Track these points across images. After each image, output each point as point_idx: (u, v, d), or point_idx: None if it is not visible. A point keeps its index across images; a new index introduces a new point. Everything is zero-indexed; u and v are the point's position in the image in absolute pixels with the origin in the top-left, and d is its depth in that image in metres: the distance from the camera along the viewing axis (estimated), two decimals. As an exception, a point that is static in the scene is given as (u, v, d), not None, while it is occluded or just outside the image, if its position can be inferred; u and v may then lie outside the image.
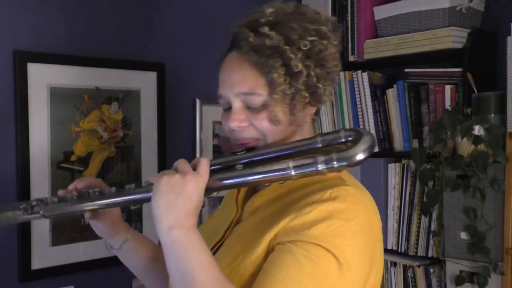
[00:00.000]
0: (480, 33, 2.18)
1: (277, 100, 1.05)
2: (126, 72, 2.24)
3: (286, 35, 1.05)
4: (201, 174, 1.00)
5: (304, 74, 1.05)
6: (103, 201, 1.12)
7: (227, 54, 1.13)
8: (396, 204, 2.28)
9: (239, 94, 1.07)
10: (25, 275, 1.99)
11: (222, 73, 1.12)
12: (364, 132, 0.99)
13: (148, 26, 2.31)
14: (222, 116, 1.14)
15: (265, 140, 1.08)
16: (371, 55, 2.36)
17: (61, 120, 2.07)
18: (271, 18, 1.08)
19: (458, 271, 2.02)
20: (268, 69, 1.05)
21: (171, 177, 0.97)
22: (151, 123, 2.31)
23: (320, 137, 1.03)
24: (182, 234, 0.96)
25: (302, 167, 0.99)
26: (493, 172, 1.94)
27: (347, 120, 2.44)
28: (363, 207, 1.03)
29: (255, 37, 1.06)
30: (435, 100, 2.20)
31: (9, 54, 1.96)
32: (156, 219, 0.97)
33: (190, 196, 0.97)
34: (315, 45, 1.06)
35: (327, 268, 0.95)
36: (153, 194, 0.97)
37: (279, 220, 1.01)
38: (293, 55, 1.04)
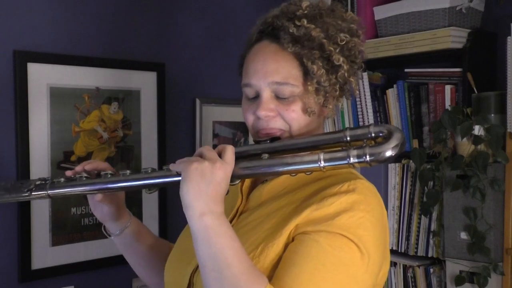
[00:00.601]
0: (480, 33, 2.18)
1: (311, 91, 1.07)
2: (126, 72, 2.24)
3: (325, 29, 1.08)
4: (228, 162, 1.00)
5: (343, 68, 1.08)
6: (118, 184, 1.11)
7: (255, 43, 1.13)
8: (396, 204, 2.28)
9: (272, 83, 1.08)
10: (25, 275, 1.99)
11: (254, 61, 1.10)
12: (394, 129, 1.00)
13: (148, 26, 2.31)
14: (246, 105, 1.13)
15: (290, 131, 1.10)
16: (371, 55, 2.36)
17: (61, 120, 2.07)
18: (306, 11, 1.09)
19: (458, 271, 2.02)
20: (307, 61, 1.06)
21: (201, 163, 0.97)
22: (151, 123, 2.31)
23: (349, 131, 1.03)
24: (215, 220, 0.95)
25: (334, 160, 0.99)
26: (493, 172, 1.94)
27: (347, 120, 2.44)
28: (377, 199, 1.06)
29: (295, 28, 1.07)
30: (435, 100, 2.20)
31: (9, 54, 1.96)
32: (187, 205, 0.96)
33: (219, 183, 0.97)
34: (347, 41, 1.09)
35: (351, 258, 0.97)
36: (183, 180, 0.97)
37: (299, 211, 1.02)
38: (333, 49, 1.07)
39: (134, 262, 1.34)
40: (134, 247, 1.31)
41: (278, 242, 1.00)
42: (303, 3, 1.11)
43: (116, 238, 1.29)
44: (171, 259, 1.21)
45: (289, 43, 1.07)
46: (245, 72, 1.12)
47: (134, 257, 1.34)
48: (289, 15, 1.10)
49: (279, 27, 1.09)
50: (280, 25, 1.09)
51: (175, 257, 1.20)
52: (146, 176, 1.09)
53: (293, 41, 1.07)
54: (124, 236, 1.28)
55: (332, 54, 1.07)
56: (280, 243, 1.00)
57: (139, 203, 2.27)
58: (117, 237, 1.28)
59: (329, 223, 0.98)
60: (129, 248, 1.32)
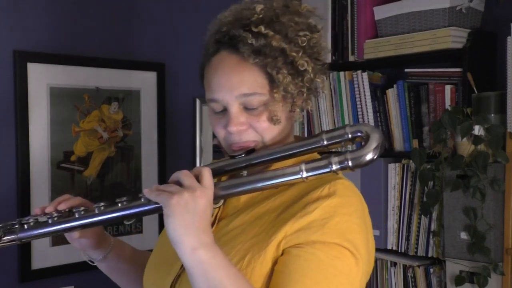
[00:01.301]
0: (480, 33, 2.18)
1: (278, 99, 1.04)
2: (126, 72, 2.24)
3: (283, 33, 1.03)
4: (208, 187, 0.97)
5: (308, 72, 1.04)
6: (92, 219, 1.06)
7: (214, 54, 1.08)
8: (396, 204, 2.28)
9: (239, 96, 1.03)
10: (25, 275, 1.99)
11: (216, 75, 1.05)
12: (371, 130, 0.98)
13: (148, 26, 2.31)
14: (214, 119, 1.09)
15: (263, 141, 1.07)
16: (371, 55, 2.36)
17: (61, 120, 2.07)
18: (262, 15, 1.04)
19: (458, 271, 2.02)
20: (271, 70, 1.02)
21: (181, 196, 0.93)
22: (151, 123, 2.31)
23: (326, 134, 1.01)
24: (208, 253, 0.93)
25: (316, 169, 0.98)
26: (493, 172, 1.94)
27: (347, 120, 2.44)
28: (358, 198, 1.05)
29: (254, 38, 1.02)
30: (435, 100, 2.19)
31: (9, 54, 1.96)
32: (176, 242, 0.93)
33: (204, 212, 0.95)
34: (308, 39, 1.05)
35: (348, 265, 0.97)
36: (167, 217, 0.93)
37: (283, 221, 1.00)
38: (295, 53, 1.03)
39: (121, 282, 1.31)
40: (119, 268, 1.28)
41: (265, 254, 0.98)
42: (257, 6, 1.05)
43: (99, 263, 1.24)
44: (150, 268, 1.18)
45: (250, 54, 1.02)
46: (208, 86, 1.07)
47: (122, 279, 1.30)
48: (243, 21, 1.04)
49: (236, 37, 1.04)
50: (237, 35, 1.03)
51: (154, 266, 1.17)
52: (122, 207, 1.04)
53: (254, 52, 1.02)
54: (108, 260, 1.24)
55: (296, 60, 1.03)
56: (267, 256, 0.98)
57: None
58: (100, 262, 1.24)
59: (320, 233, 0.97)
60: (115, 270, 1.28)
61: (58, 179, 2.06)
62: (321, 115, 2.52)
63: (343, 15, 2.48)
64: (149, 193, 0.99)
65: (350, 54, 2.46)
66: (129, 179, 2.25)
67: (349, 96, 2.43)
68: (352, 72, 2.41)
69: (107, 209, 1.06)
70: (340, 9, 2.50)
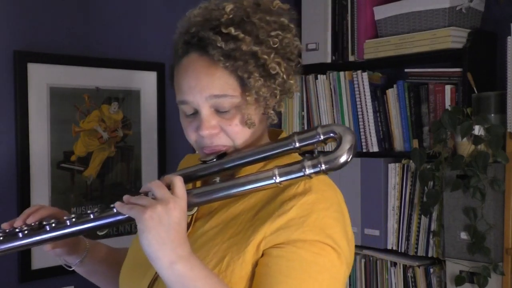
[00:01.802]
0: (480, 33, 2.18)
1: (250, 101, 1.01)
2: (126, 72, 2.24)
3: (254, 34, 1.00)
4: (181, 196, 0.95)
5: (280, 75, 1.01)
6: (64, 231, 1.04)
7: (183, 56, 1.05)
8: (396, 204, 2.28)
9: (210, 97, 1.00)
10: (25, 275, 1.99)
11: (186, 77, 1.02)
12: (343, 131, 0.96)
13: (148, 26, 2.31)
14: (185, 122, 1.07)
15: (234, 146, 1.04)
16: (371, 55, 2.36)
17: (61, 120, 2.07)
18: (231, 15, 1.00)
19: (458, 271, 2.02)
20: (242, 73, 0.99)
21: (154, 210, 0.91)
22: (151, 123, 2.31)
23: (297, 136, 0.99)
24: (186, 265, 0.91)
25: (289, 173, 0.97)
26: (493, 172, 1.94)
27: (347, 120, 2.44)
28: (333, 190, 1.04)
29: (224, 41, 0.98)
30: (435, 100, 2.20)
31: (9, 54, 1.96)
32: (153, 258, 0.91)
33: (178, 224, 0.93)
34: (280, 39, 1.02)
35: (331, 261, 0.97)
36: (141, 232, 0.91)
37: (261, 221, 0.98)
38: (267, 56, 1.00)
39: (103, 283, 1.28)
40: (97, 270, 1.25)
41: (245, 256, 0.97)
42: (227, 6, 1.01)
43: (76, 268, 1.22)
44: (125, 270, 1.16)
45: (220, 58, 0.99)
46: (178, 88, 1.05)
47: (101, 281, 1.28)
48: (213, 22, 1.01)
49: (205, 39, 1.00)
50: (207, 37, 1.00)
51: (129, 269, 1.15)
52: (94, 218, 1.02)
53: (224, 56, 0.99)
54: (85, 264, 1.22)
55: (268, 62, 1.00)
56: (247, 257, 0.97)
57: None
58: (77, 267, 1.22)
59: (300, 231, 0.96)
60: (94, 273, 1.26)
61: (58, 179, 2.06)
62: (321, 115, 2.52)
63: (343, 15, 2.48)
64: (120, 207, 0.96)
65: (350, 54, 2.46)
66: (129, 179, 2.25)
67: (349, 96, 2.43)
68: (352, 72, 2.41)
69: (78, 221, 1.03)
70: (340, 9, 2.50)
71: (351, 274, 2.42)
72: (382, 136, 2.36)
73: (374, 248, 2.35)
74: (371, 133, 2.37)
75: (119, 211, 0.97)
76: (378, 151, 2.36)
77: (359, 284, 2.40)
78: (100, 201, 2.14)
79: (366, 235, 2.36)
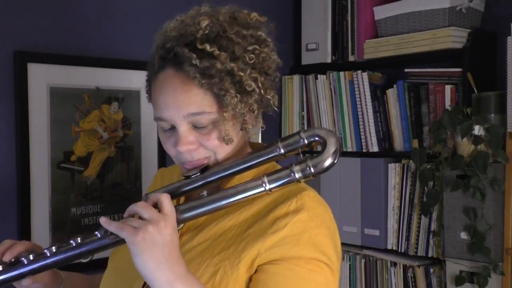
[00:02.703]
0: (480, 33, 2.18)
1: (228, 117, 1.00)
2: (126, 72, 2.24)
3: (230, 50, 0.99)
4: (170, 214, 0.95)
5: (256, 91, 1.01)
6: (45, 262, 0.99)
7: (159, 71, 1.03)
8: (396, 204, 2.28)
9: (187, 115, 0.99)
10: (25, 275, 1.99)
11: (162, 94, 1.01)
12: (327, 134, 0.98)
13: (148, 26, 2.31)
14: (163, 137, 1.06)
15: (215, 157, 1.04)
16: (371, 55, 2.36)
17: (61, 120, 2.07)
18: (207, 31, 0.99)
19: (458, 271, 2.02)
20: (218, 91, 0.98)
21: (145, 231, 0.90)
22: (151, 123, 2.29)
23: (280, 142, 1.00)
24: (185, 284, 0.91)
25: (278, 179, 0.98)
26: (493, 172, 1.94)
27: (347, 120, 2.44)
28: (324, 208, 1.05)
29: (199, 58, 0.97)
30: (435, 100, 2.20)
31: (9, 54, 1.96)
32: (150, 279, 0.90)
33: (171, 241, 0.92)
34: (257, 54, 1.01)
35: (326, 278, 0.99)
36: (135, 255, 0.90)
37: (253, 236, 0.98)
38: (243, 73, 0.99)
39: None
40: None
41: (238, 271, 0.96)
42: (202, 22, 1.00)
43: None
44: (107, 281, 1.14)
45: (196, 74, 0.97)
46: (155, 104, 1.03)
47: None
48: (188, 38, 0.99)
49: (181, 55, 0.99)
50: (182, 53, 0.98)
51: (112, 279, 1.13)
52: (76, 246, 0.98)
53: (199, 73, 0.97)
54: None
55: (244, 79, 0.99)
56: (240, 272, 0.96)
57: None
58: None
59: (296, 249, 0.97)
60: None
61: (58, 179, 2.06)
62: (321, 115, 2.52)
63: (343, 15, 2.48)
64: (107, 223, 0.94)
65: (350, 54, 2.46)
66: (129, 179, 2.25)
67: (349, 96, 2.43)
68: (352, 72, 2.41)
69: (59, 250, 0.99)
70: (340, 9, 2.50)
71: (351, 274, 2.43)
72: (382, 136, 2.36)
73: (374, 248, 2.35)
74: (371, 133, 2.37)
75: (107, 227, 0.94)
76: (378, 151, 2.36)
77: (359, 284, 2.40)
78: (100, 201, 2.14)
79: (366, 235, 2.36)
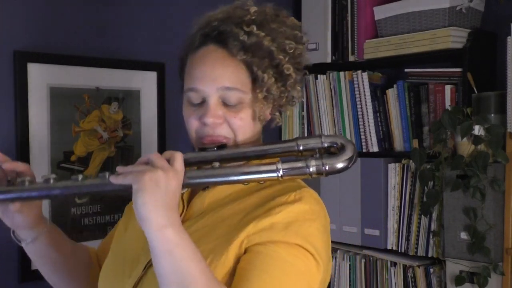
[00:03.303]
0: (480, 33, 2.18)
1: (260, 99, 1.06)
2: (126, 72, 2.24)
3: (273, 36, 1.06)
4: (180, 170, 0.96)
5: (292, 76, 1.07)
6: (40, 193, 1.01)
7: (200, 47, 1.09)
8: (396, 204, 2.28)
9: (221, 88, 1.04)
10: (25, 275, 1.99)
11: (200, 65, 1.06)
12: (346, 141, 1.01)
13: (148, 26, 2.31)
14: (189, 110, 1.09)
15: (235, 139, 1.07)
16: (371, 55, 2.36)
17: (61, 120, 2.07)
18: (254, 17, 1.06)
19: (458, 271, 2.02)
20: (257, 69, 1.04)
21: (154, 173, 0.92)
22: (151, 123, 2.31)
23: (301, 140, 1.02)
24: (176, 232, 0.91)
25: (293, 170, 0.99)
26: (493, 172, 1.94)
27: (347, 120, 2.44)
28: (321, 207, 1.07)
29: (246, 35, 1.04)
30: (435, 100, 2.20)
31: (9, 54, 1.96)
32: (144, 219, 0.90)
33: (174, 193, 0.94)
34: (293, 49, 1.08)
35: (308, 266, 0.99)
36: (137, 192, 0.91)
37: (246, 222, 1.00)
38: (282, 57, 1.06)
39: (47, 270, 1.24)
40: (47, 256, 1.19)
41: (227, 254, 0.98)
42: (251, 8, 1.08)
43: (27, 246, 1.15)
44: (107, 270, 1.15)
45: (240, 51, 1.04)
46: (190, 76, 1.08)
47: (47, 266, 1.22)
48: (236, 19, 1.06)
49: (226, 33, 1.05)
50: (228, 30, 1.05)
51: (111, 268, 1.13)
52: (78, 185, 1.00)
53: (243, 49, 1.04)
54: (37, 244, 1.15)
55: (282, 63, 1.06)
56: (229, 255, 0.98)
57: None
58: (28, 245, 1.15)
59: (283, 234, 0.97)
60: (42, 257, 1.20)
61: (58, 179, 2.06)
62: (321, 115, 2.52)
63: (343, 15, 2.48)
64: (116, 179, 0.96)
65: (350, 54, 2.46)
66: (129, 179, 2.25)
67: (349, 96, 2.43)
68: (352, 72, 2.41)
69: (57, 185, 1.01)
70: (340, 9, 2.50)
71: (351, 274, 2.42)
72: (382, 136, 2.36)
73: (374, 248, 2.35)
74: (371, 133, 2.37)
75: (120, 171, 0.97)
76: (378, 151, 2.36)
77: (359, 284, 2.40)
78: (100, 201, 2.14)
79: (366, 235, 2.36)
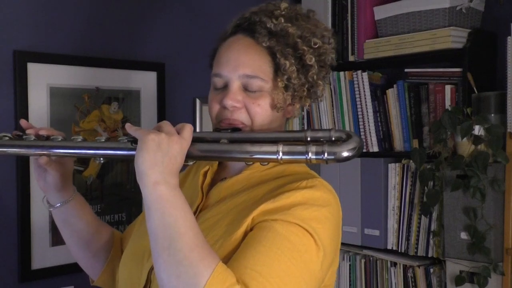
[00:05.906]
0: (480, 33, 2.18)
1: (280, 88, 1.10)
2: (126, 72, 2.24)
3: (300, 30, 1.12)
4: (185, 138, 1.00)
5: (314, 68, 1.12)
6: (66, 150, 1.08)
7: (229, 36, 1.16)
8: (396, 204, 2.28)
9: (242, 75, 1.10)
10: (25, 275, 1.99)
11: (226, 52, 1.13)
12: (353, 134, 1.03)
13: (148, 26, 2.31)
14: (212, 95, 1.15)
15: (252, 126, 1.11)
16: (371, 55, 2.36)
17: (61, 120, 2.07)
18: (284, 12, 1.13)
19: (458, 271, 2.02)
20: (280, 56, 1.09)
21: (158, 135, 0.96)
22: (151, 123, 2.31)
23: (311, 132, 1.05)
24: (170, 190, 0.95)
25: (292, 153, 1.01)
26: (493, 172, 1.94)
27: (347, 120, 2.44)
28: (334, 197, 1.08)
29: (273, 24, 1.11)
30: (435, 100, 2.20)
31: (9, 54, 1.96)
32: (141, 173, 0.95)
33: (175, 157, 0.97)
34: (320, 46, 1.13)
35: (306, 246, 0.99)
36: (139, 149, 0.96)
37: (256, 205, 1.03)
38: (306, 48, 1.11)
39: (71, 240, 1.30)
40: (73, 223, 1.26)
41: (236, 235, 1.01)
42: (282, 4, 1.15)
43: (56, 211, 1.24)
44: (127, 254, 1.19)
45: (265, 37, 1.10)
46: (217, 62, 1.15)
47: (72, 235, 1.28)
48: (267, 12, 1.14)
49: (256, 22, 1.13)
50: (258, 20, 1.13)
51: (131, 253, 1.18)
52: (98, 145, 1.06)
53: (268, 35, 1.11)
54: (65, 210, 1.24)
55: (305, 54, 1.11)
56: (238, 236, 1.01)
57: (139, 203, 2.26)
58: (57, 209, 1.24)
59: (285, 213, 1.00)
60: (68, 224, 1.27)
61: (58, 179, 2.06)
62: (321, 115, 2.52)
63: (343, 15, 2.48)
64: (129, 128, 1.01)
65: (350, 54, 2.46)
66: (129, 179, 2.25)
67: (349, 96, 2.43)
68: (352, 72, 2.41)
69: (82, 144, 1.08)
70: (340, 9, 2.50)
71: (351, 274, 2.42)
72: (382, 136, 2.36)
73: (374, 248, 2.35)
74: (371, 133, 2.37)
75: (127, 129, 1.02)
76: (378, 151, 2.36)
77: (359, 284, 2.40)
78: (100, 201, 2.14)
79: (366, 235, 2.36)
